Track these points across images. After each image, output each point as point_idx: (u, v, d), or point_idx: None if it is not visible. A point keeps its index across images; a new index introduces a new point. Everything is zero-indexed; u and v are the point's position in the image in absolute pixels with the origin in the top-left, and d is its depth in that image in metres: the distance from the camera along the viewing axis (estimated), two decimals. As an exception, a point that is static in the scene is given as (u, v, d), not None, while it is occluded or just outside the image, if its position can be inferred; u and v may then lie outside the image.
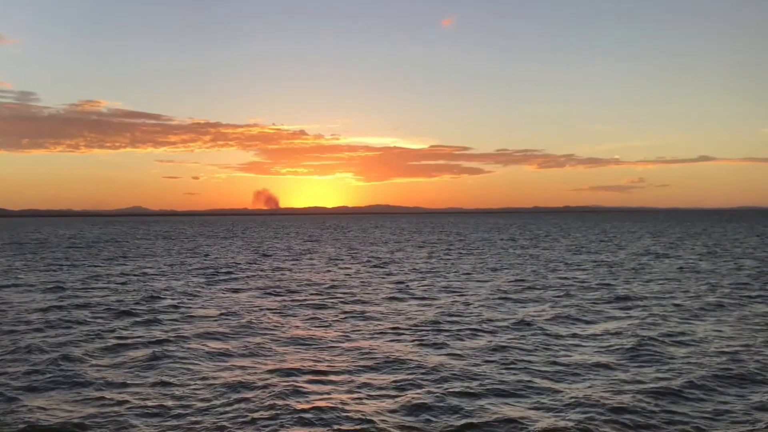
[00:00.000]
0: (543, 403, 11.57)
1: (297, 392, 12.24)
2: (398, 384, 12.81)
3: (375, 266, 39.85)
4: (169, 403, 11.72)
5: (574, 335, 17.43)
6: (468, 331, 17.94)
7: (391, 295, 25.62)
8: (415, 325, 18.95)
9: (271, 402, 11.60)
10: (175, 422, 10.76)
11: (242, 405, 11.54)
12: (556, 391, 12.21)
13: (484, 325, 18.80)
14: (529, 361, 14.51)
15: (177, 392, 12.37)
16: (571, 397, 11.77)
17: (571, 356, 15.02)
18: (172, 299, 24.80)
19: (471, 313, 21.10)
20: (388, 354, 15.21)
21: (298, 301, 24.48)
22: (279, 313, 21.68)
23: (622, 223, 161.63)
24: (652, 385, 12.45)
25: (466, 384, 12.68)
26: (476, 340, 16.84)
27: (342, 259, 46.04)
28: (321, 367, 14.22)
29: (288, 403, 11.54)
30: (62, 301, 24.25)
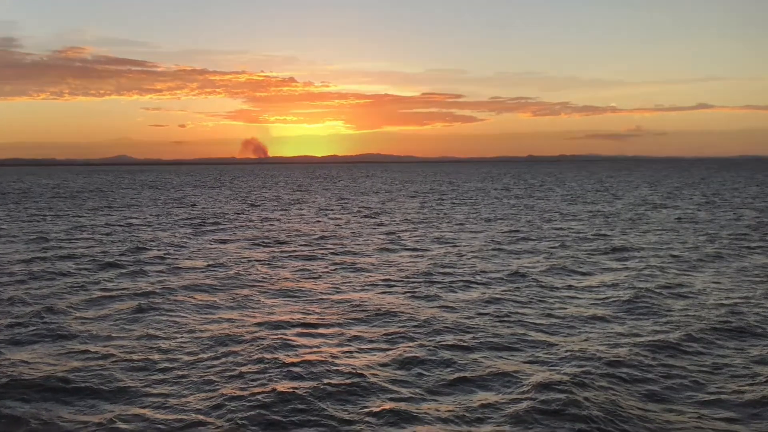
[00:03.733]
0: (538, 357, 11.42)
1: (286, 345, 12.04)
2: (389, 337, 12.62)
3: (366, 216, 39.53)
4: (155, 356, 11.55)
5: (570, 287, 17.24)
6: (461, 283, 17.72)
7: (383, 246, 25.32)
8: (407, 277, 18.70)
9: (260, 355, 11.40)
10: (161, 376, 10.61)
11: (230, 358, 11.36)
12: (551, 345, 12.05)
13: (478, 277, 18.57)
14: (524, 314, 14.32)
15: (163, 345, 12.19)
16: (567, 351, 11.61)
17: (566, 309, 14.83)
18: (159, 250, 24.38)
19: (464, 264, 20.85)
20: (379, 306, 14.97)
21: (287, 252, 24.17)
22: (267, 264, 21.36)
23: (618, 172, 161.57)
24: (649, 338, 12.29)
25: (458, 337, 12.49)
26: (469, 293, 16.62)
27: (332, 210, 45.67)
28: (310, 319, 14.02)
29: (277, 356, 11.33)
30: (46, 253, 23.79)
